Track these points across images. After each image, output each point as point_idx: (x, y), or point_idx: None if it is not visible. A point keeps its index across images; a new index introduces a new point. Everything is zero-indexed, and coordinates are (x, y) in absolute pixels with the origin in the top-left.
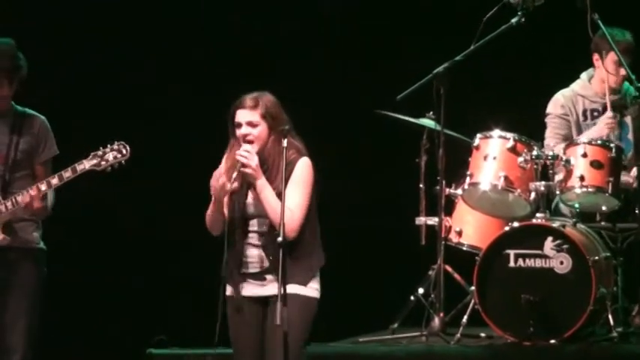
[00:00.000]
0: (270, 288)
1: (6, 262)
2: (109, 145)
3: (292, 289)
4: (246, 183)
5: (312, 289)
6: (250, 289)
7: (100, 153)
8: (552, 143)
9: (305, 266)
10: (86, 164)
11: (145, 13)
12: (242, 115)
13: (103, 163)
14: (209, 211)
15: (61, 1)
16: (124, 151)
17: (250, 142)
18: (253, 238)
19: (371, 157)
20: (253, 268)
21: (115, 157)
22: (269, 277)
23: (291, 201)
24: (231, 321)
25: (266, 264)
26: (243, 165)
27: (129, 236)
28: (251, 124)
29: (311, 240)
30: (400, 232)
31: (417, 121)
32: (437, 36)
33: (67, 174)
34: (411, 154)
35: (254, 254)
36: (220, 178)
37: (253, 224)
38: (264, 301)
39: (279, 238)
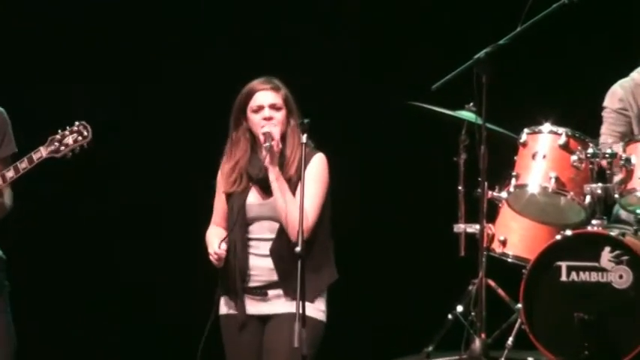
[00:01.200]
0: (274, 304)
1: None
2: (67, 128)
3: (293, 307)
4: (247, 181)
5: (316, 310)
6: (252, 306)
7: (58, 137)
8: (609, 141)
9: (314, 280)
10: (43, 152)
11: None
12: (265, 97)
13: (62, 148)
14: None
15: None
16: (85, 133)
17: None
18: (255, 246)
19: (402, 156)
20: (254, 282)
21: (75, 141)
22: (272, 292)
23: (304, 199)
24: (229, 341)
25: (271, 277)
26: (270, 146)
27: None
28: (274, 107)
29: (322, 251)
30: (436, 242)
31: (455, 114)
32: (478, 16)
33: (23, 165)
34: (448, 151)
35: (256, 265)
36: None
37: (255, 229)
38: (264, 319)
39: (297, 248)
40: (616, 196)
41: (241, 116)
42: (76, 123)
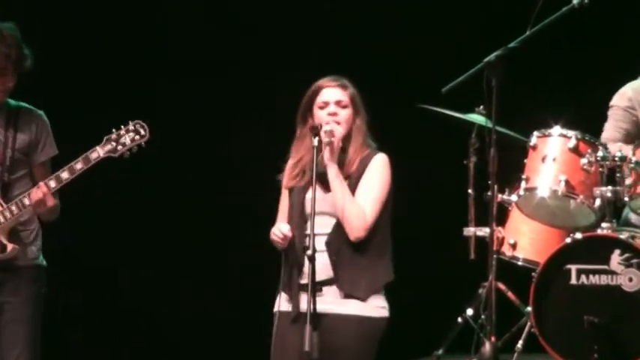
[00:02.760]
0: (328, 302)
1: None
2: (122, 127)
3: (347, 307)
4: (310, 177)
5: (374, 307)
6: (306, 303)
7: (114, 137)
8: (612, 136)
9: (369, 278)
10: (100, 151)
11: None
12: (331, 94)
13: (120, 147)
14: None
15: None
16: (142, 132)
17: (337, 123)
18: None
19: (412, 159)
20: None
21: (132, 140)
22: (327, 288)
23: (363, 197)
24: (278, 338)
25: (327, 274)
26: (330, 141)
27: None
28: (340, 104)
29: (380, 248)
30: (446, 245)
31: (465, 117)
32: (488, 19)
33: (79, 165)
34: (458, 154)
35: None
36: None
37: (314, 225)
38: (318, 317)
39: (309, 252)
40: (626, 199)
41: (308, 113)
42: (131, 122)
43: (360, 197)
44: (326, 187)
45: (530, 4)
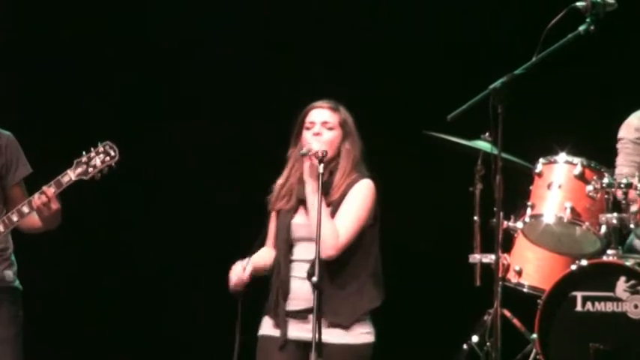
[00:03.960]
0: (311, 329)
1: None
2: (92, 149)
3: (332, 335)
4: (296, 200)
5: (358, 334)
6: (293, 330)
7: (84, 160)
8: (625, 171)
9: (351, 305)
10: (71, 175)
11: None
12: (318, 114)
13: (90, 169)
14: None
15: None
16: (112, 153)
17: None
18: (297, 269)
19: (417, 186)
20: (295, 305)
21: (102, 162)
22: (311, 316)
23: (340, 218)
24: None
25: (310, 302)
26: (305, 152)
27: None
28: (326, 125)
29: (365, 274)
30: (452, 272)
31: (470, 144)
32: (493, 47)
33: (52, 189)
34: (463, 181)
35: (297, 288)
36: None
37: (298, 251)
38: (304, 345)
39: (314, 278)
40: (631, 226)
41: (299, 134)
42: (101, 144)
43: (338, 218)
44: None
45: (537, 30)
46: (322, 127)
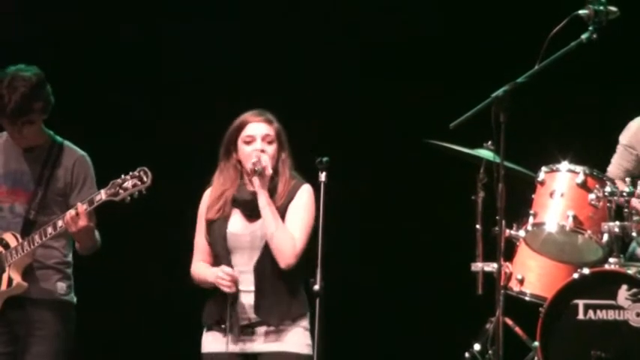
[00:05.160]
0: (259, 341)
1: (23, 317)
2: (130, 172)
3: (282, 344)
4: (230, 207)
5: (304, 345)
6: (236, 344)
7: (118, 181)
8: (612, 173)
9: (285, 306)
10: (103, 195)
11: None
12: (257, 128)
13: (121, 192)
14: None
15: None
16: (145, 178)
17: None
18: (241, 280)
19: (419, 194)
20: (241, 320)
21: (134, 185)
22: (259, 329)
23: (291, 225)
24: None
25: (253, 315)
26: (261, 170)
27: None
28: (266, 139)
29: (297, 280)
30: (454, 280)
31: (473, 152)
32: (496, 55)
33: (84, 207)
34: (466, 190)
35: (239, 301)
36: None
37: (237, 261)
38: (250, 357)
39: (316, 287)
40: (633, 234)
41: (232, 147)
42: (138, 168)
43: (291, 226)
44: (250, 217)
45: (539, 38)
46: (263, 142)
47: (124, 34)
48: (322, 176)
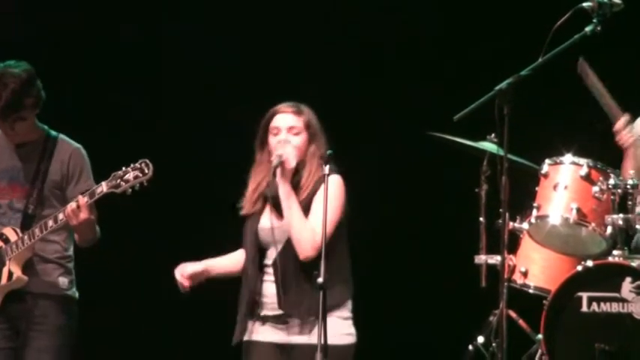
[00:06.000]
0: (295, 333)
1: (24, 312)
2: (131, 164)
3: (313, 336)
4: (262, 202)
5: (341, 335)
6: (269, 334)
7: (120, 173)
8: (624, 168)
9: (311, 301)
10: (104, 187)
11: None
12: (283, 120)
13: (123, 184)
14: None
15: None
16: (147, 170)
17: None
18: (270, 273)
19: (423, 187)
20: (273, 310)
21: (135, 177)
22: (292, 320)
23: (314, 217)
24: None
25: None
26: (281, 163)
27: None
28: (292, 130)
29: (333, 271)
30: (457, 273)
31: (476, 145)
32: (499, 46)
33: (85, 199)
34: (469, 182)
35: (271, 292)
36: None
37: (270, 255)
38: (285, 348)
39: (320, 279)
40: (637, 226)
41: (264, 138)
42: (140, 160)
43: (312, 217)
44: (281, 213)
45: (543, 31)
46: (288, 133)
47: (123, 34)
48: (326, 169)
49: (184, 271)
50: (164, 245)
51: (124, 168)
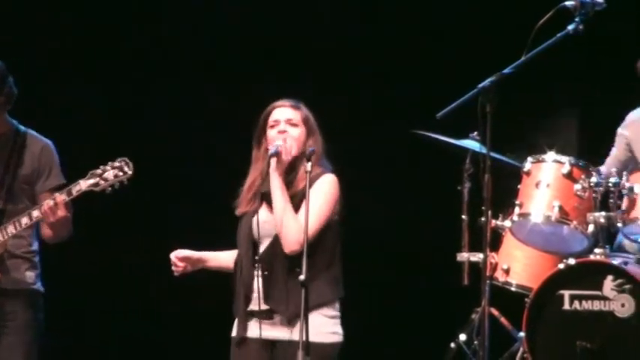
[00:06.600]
0: (280, 329)
1: None
2: (109, 163)
3: (297, 333)
4: (260, 198)
5: (325, 334)
6: (255, 329)
7: (98, 172)
8: (607, 164)
9: (296, 298)
10: (82, 185)
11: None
12: (282, 113)
13: (102, 182)
14: None
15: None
16: (126, 169)
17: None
18: (260, 268)
19: (405, 184)
20: (260, 305)
21: (115, 176)
22: (277, 315)
23: (303, 213)
24: None
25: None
26: (277, 153)
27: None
28: (291, 123)
29: (314, 270)
30: (439, 270)
31: (459, 143)
32: (482, 46)
33: (62, 197)
34: (452, 180)
35: (261, 288)
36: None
37: (260, 250)
38: (271, 345)
39: (302, 277)
40: (619, 224)
41: (262, 134)
42: (118, 159)
43: (302, 213)
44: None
45: (526, 29)
46: (287, 124)
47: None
48: (308, 166)
49: (179, 253)
50: (157, 246)
51: (101, 166)
